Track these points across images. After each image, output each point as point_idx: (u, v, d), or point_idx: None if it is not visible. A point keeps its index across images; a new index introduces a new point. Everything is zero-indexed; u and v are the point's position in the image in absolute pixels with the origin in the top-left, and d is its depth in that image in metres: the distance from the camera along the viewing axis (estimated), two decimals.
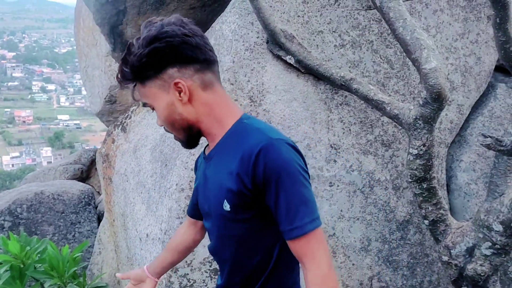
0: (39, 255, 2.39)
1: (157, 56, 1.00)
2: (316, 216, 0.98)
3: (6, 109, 63.17)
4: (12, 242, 2.31)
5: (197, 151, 2.23)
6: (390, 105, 1.95)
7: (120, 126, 2.79)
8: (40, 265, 2.35)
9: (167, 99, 1.05)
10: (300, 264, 1.03)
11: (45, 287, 2.27)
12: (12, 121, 60.05)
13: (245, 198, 1.00)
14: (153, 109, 1.09)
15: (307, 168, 1.04)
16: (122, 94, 5.88)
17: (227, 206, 1.03)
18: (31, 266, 2.31)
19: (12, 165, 44.40)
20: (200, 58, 1.03)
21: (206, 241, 1.30)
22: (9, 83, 74.18)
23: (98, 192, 7.88)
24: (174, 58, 1.01)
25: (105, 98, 6.26)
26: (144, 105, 1.11)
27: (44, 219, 4.64)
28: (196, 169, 1.30)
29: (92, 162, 8.94)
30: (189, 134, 1.11)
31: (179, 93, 1.03)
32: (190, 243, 1.44)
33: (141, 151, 2.50)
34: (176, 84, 1.02)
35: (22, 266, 2.31)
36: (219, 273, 1.24)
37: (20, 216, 4.59)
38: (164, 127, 1.13)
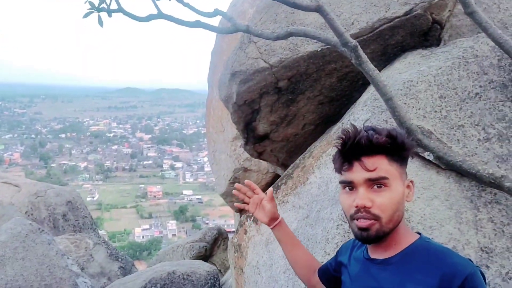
0: None
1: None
2: None
3: (140, 185, 70.87)
4: None
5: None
6: None
7: (253, 217, 2.90)
8: None
9: (402, 189, 1.11)
10: None
11: None
12: (145, 196, 66.81)
13: None
14: (379, 186, 1.07)
15: None
16: (245, 176, 6.18)
17: None
18: None
19: (143, 236, 48.46)
20: None
21: None
22: (145, 162, 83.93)
23: (220, 270, 8.11)
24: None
25: (229, 180, 6.65)
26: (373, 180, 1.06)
27: None
28: (338, 255, 1.37)
29: (215, 240, 9.34)
30: (391, 230, 1.10)
31: (409, 191, 1.13)
32: (307, 273, 1.54)
33: (273, 245, 2.53)
34: (411, 182, 1.15)
35: None
36: None
37: None
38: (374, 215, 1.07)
